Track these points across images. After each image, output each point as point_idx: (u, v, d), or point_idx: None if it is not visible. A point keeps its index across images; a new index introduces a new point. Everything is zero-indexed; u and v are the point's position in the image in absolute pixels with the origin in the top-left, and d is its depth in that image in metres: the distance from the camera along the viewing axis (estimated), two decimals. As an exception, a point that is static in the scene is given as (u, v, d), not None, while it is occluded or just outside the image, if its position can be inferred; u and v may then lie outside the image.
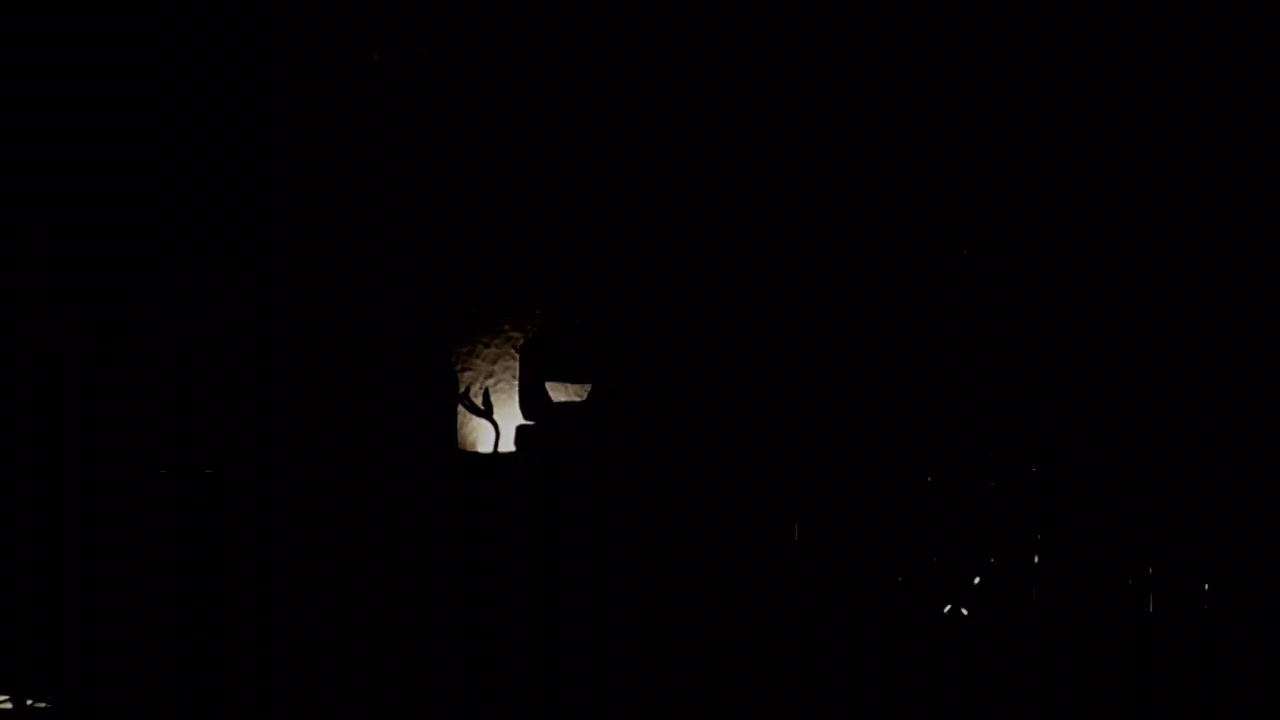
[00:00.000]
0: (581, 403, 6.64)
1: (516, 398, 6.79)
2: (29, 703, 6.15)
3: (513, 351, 6.85)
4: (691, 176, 6.90)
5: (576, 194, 6.94)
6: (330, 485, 6.21)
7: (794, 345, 6.74)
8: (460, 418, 6.67)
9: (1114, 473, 6.51)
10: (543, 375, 6.65)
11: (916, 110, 6.87)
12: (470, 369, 6.85)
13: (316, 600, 6.16)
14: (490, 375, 6.86)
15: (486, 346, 6.88)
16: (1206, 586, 6.35)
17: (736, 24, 6.92)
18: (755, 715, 6.29)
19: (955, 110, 6.87)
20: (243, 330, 6.35)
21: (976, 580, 6.54)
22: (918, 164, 6.87)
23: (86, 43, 6.43)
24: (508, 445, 6.64)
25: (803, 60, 6.92)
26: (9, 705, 6.15)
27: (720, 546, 6.38)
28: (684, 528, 6.35)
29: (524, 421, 6.68)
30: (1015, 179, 6.86)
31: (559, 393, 6.67)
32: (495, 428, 6.65)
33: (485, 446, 6.73)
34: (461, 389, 6.67)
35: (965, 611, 6.50)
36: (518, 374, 6.81)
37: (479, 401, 6.68)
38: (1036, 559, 6.44)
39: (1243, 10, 6.78)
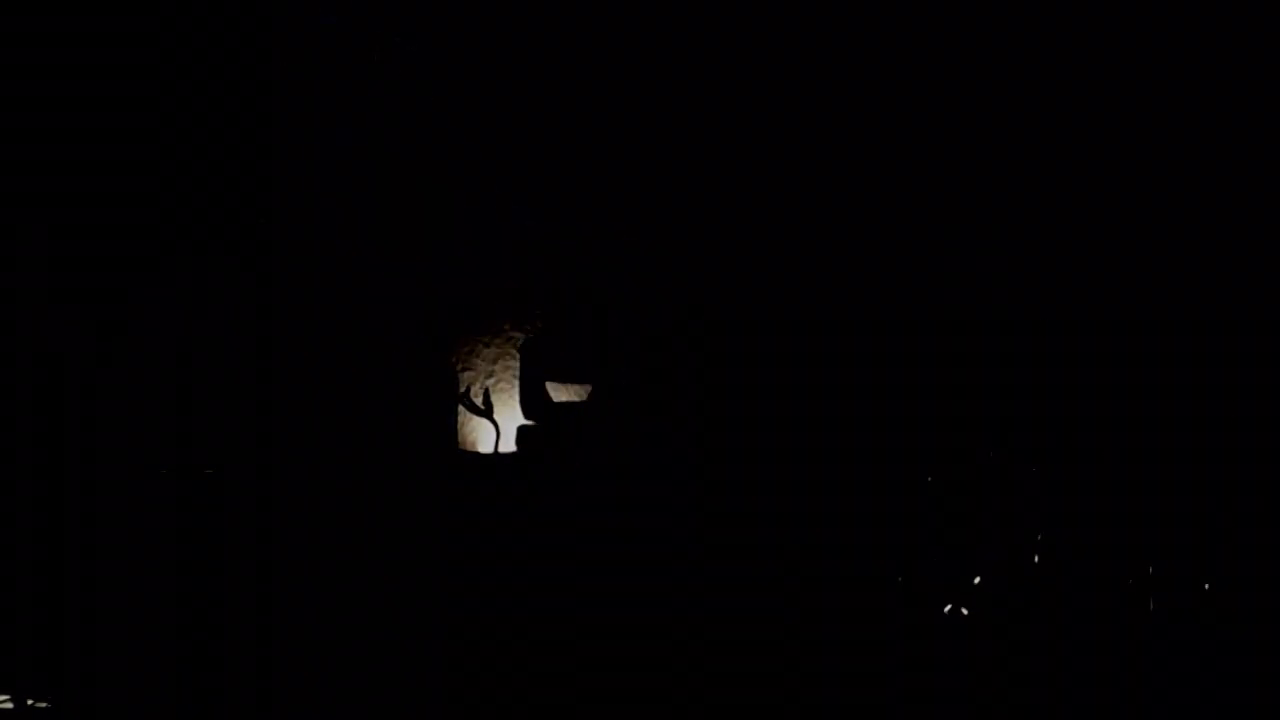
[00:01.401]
0: (582, 403, 6.64)
1: (516, 398, 6.79)
2: (29, 703, 6.15)
3: (513, 351, 6.86)
4: (691, 176, 6.91)
5: (576, 193, 6.95)
6: (330, 485, 6.21)
7: (794, 344, 6.74)
8: (460, 418, 6.68)
9: (1114, 473, 6.51)
10: (544, 375, 6.64)
11: (916, 110, 6.88)
12: (470, 369, 6.85)
13: (316, 600, 6.16)
14: (490, 375, 6.86)
15: (486, 346, 6.89)
16: (1206, 587, 6.35)
17: (737, 24, 6.92)
18: (756, 714, 6.29)
19: (955, 110, 6.87)
20: (243, 330, 6.35)
21: (976, 580, 6.54)
22: (918, 164, 6.87)
23: (86, 43, 6.43)
24: (508, 445, 6.64)
25: (803, 60, 6.93)
26: (9, 705, 6.15)
27: (720, 546, 6.39)
28: (685, 527, 6.35)
29: (524, 421, 6.68)
30: (1015, 179, 6.86)
31: (560, 393, 6.67)
32: (495, 428, 6.65)
33: (485, 446, 6.73)
34: (461, 389, 6.67)
35: (965, 611, 6.50)
36: (518, 374, 6.81)
37: (479, 401, 6.68)
38: (1036, 559, 6.45)
39: (1243, 10, 6.79)
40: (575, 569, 6.26)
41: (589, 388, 6.70)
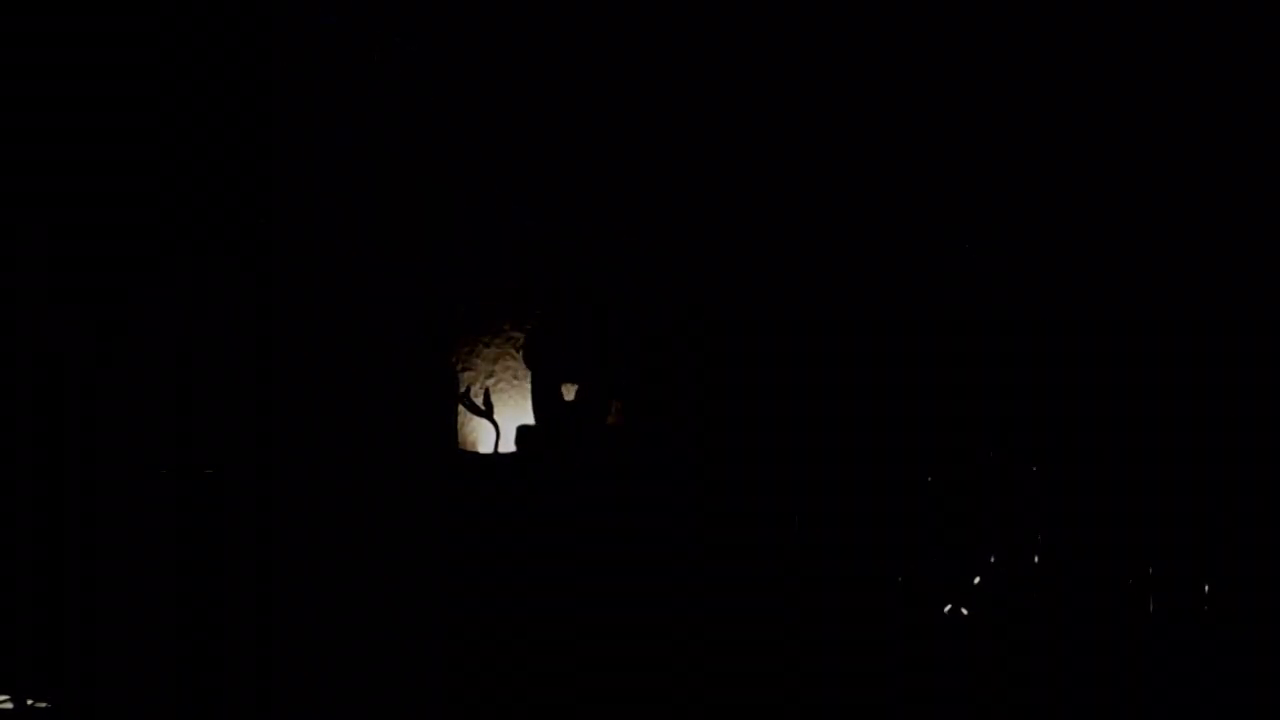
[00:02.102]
0: (581, 402, 6.64)
1: (516, 398, 6.79)
2: (29, 703, 6.15)
3: (513, 351, 6.86)
4: (691, 176, 6.91)
5: (576, 193, 6.95)
6: (330, 485, 6.21)
7: (794, 344, 6.74)
8: (460, 418, 6.68)
9: (1114, 473, 6.51)
10: (554, 377, 6.63)
11: (916, 110, 6.87)
12: (470, 369, 6.85)
13: (316, 600, 6.16)
14: (490, 375, 6.86)
15: (486, 346, 6.88)
16: (1207, 587, 6.36)
17: (737, 24, 6.92)
18: (756, 714, 6.29)
19: (955, 110, 6.87)
20: (243, 330, 6.35)
21: (976, 580, 6.54)
22: (918, 164, 6.87)
23: (86, 43, 6.43)
24: (508, 445, 6.64)
25: (803, 60, 6.93)
26: (9, 705, 6.15)
27: (720, 546, 6.38)
28: (685, 527, 6.35)
29: (524, 421, 6.68)
30: (1015, 179, 6.86)
31: (572, 393, 6.66)
32: (495, 428, 6.65)
33: (485, 446, 6.73)
34: (461, 389, 6.67)
35: (965, 611, 6.50)
36: (520, 374, 6.81)
37: (479, 401, 6.68)
38: (1036, 559, 6.45)
39: (1243, 10, 6.79)
40: (575, 569, 6.26)
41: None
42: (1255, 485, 6.44)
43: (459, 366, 6.82)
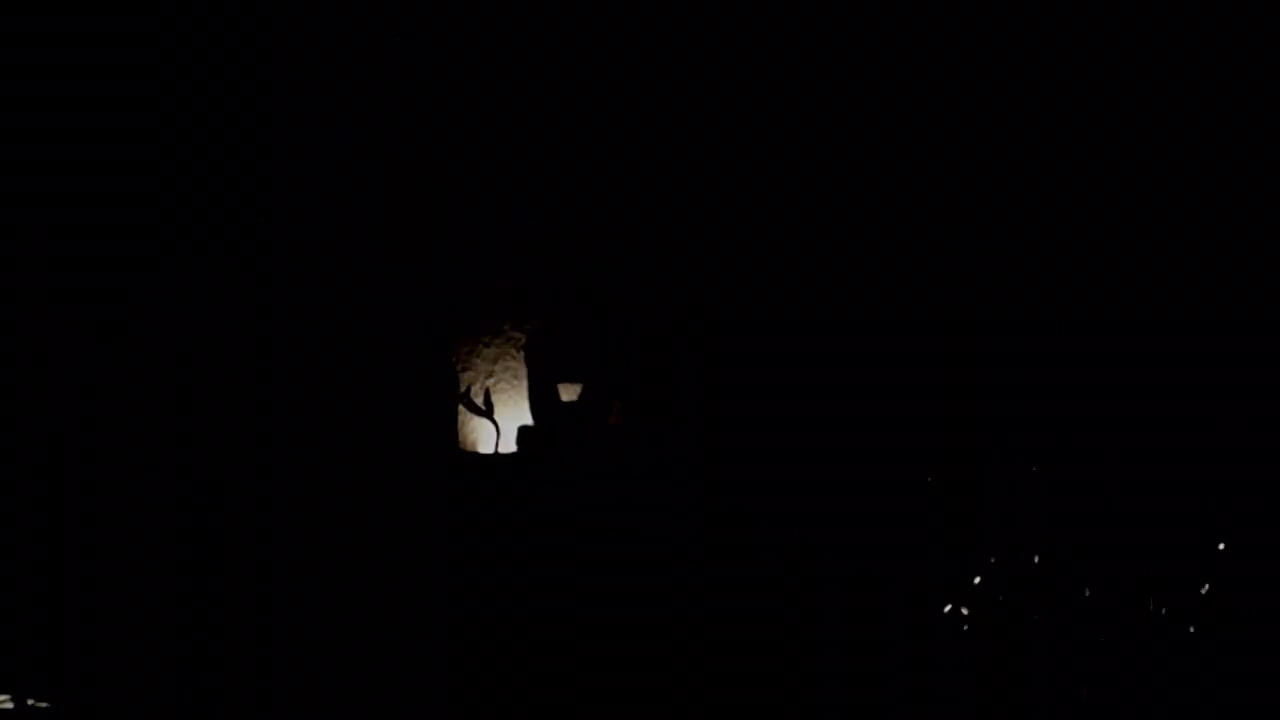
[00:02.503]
0: (581, 402, 6.64)
1: (516, 398, 6.79)
2: (29, 703, 6.15)
3: (513, 351, 6.85)
4: (691, 176, 6.91)
5: (576, 193, 6.95)
6: (330, 485, 6.21)
7: (794, 344, 6.74)
8: (460, 418, 6.68)
9: (1114, 473, 6.52)
10: (554, 378, 6.63)
11: (916, 110, 6.87)
12: (470, 369, 6.85)
13: (316, 600, 6.16)
14: (490, 375, 6.86)
15: (487, 346, 6.89)
16: (1206, 586, 6.36)
17: (737, 24, 6.92)
18: (756, 714, 6.29)
19: (955, 110, 6.87)
20: (243, 330, 6.35)
21: (976, 580, 6.54)
22: (918, 164, 6.87)
23: (86, 43, 6.44)
24: (508, 445, 6.64)
25: (803, 60, 6.93)
26: (9, 705, 6.15)
27: (720, 546, 6.39)
28: (685, 527, 6.35)
29: (524, 421, 6.68)
30: (1015, 179, 6.86)
31: (570, 393, 6.66)
32: (495, 427, 6.65)
33: (485, 446, 6.73)
34: (461, 389, 6.68)
35: (965, 611, 6.50)
36: (520, 374, 6.81)
37: (479, 401, 6.68)
38: (1036, 559, 6.45)
39: (1242, 10, 6.79)
40: (575, 569, 6.26)
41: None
42: (1255, 485, 6.44)
43: (459, 366, 6.82)
